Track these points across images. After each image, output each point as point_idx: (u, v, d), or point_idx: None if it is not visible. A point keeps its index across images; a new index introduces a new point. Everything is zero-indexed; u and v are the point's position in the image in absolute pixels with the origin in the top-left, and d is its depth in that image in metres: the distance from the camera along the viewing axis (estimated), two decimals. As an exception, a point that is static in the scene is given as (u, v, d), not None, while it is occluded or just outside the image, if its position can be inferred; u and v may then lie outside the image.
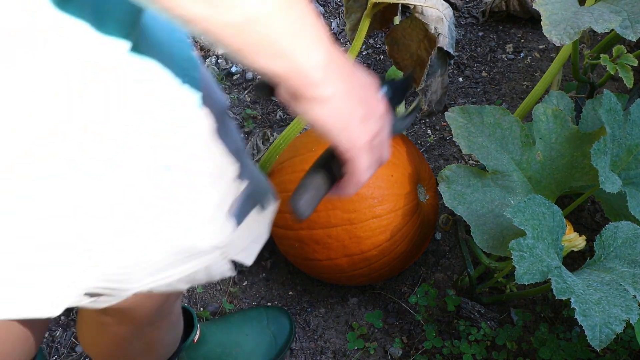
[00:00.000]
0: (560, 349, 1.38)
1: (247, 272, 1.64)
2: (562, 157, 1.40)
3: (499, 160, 1.38)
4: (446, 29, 1.36)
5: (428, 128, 1.89)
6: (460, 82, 2.00)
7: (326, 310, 1.59)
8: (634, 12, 1.32)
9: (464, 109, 1.41)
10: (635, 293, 1.14)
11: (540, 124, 1.39)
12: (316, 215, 1.39)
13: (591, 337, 1.09)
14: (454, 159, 1.83)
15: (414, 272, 1.63)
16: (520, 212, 1.19)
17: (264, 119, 1.91)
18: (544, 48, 2.08)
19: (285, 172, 1.46)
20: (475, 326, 1.48)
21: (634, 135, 1.37)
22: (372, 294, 1.61)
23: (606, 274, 1.20)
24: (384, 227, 1.38)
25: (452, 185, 1.36)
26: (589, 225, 1.67)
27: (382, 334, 1.54)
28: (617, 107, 1.34)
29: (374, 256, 1.41)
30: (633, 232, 1.25)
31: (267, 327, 1.48)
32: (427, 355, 1.48)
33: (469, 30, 2.13)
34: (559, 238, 1.23)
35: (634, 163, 1.37)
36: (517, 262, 1.14)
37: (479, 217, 1.34)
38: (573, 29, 1.28)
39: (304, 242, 1.43)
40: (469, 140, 1.39)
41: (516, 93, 1.96)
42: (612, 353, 1.35)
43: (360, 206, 1.37)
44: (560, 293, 1.12)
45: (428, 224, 1.49)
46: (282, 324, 1.49)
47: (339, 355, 1.52)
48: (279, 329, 1.48)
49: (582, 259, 1.58)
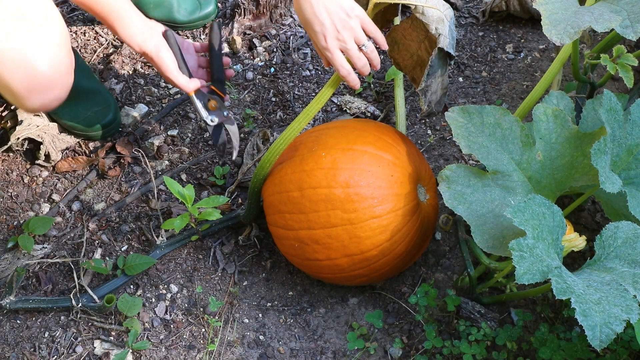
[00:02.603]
0: (560, 349, 1.38)
1: (247, 272, 1.64)
2: (562, 157, 1.39)
3: (499, 160, 1.38)
4: (447, 30, 1.36)
5: (428, 128, 1.89)
6: (460, 82, 2.00)
7: (326, 310, 1.59)
8: (634, 11, 1.32)
9: (464, 109, 1.41)
10: (635, 293, 1.14)
11: (540, 124, 1.39)
12: (316, 215, 1.39)
13: (591, 337, 1.09)
14: (454, 159, 1.83)
15: (414, 272, 1.63)
16: (521, 212, 1.19)
17: (264, 119, 1.91)
18: (544, 48, 2.08)
19: (285, 172, 1.46)
20: (475, 326, 1.47)
21: (634, 135, 1.37)
22: (372, 294, 1.61)
23: (606, 274, 1.20)
24: (384, 227, 1.38)
25: (452, 185, 1.36)
26: (589, 225, 1.67)
27: (382, 334, 1.54)
28: (617, 107, 1.34)
29: (374, 256, 1.41)
30: (633, 232, 1.25)
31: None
32: (427, 355, 1.48)
33: (469, 30, 2.13)
34: (559, 238, 1.23)
35: (634, 163, 1.37)
36: (517, 262, 1.14)
37: (479, 217, 1.34)
38: (573, 29, 1.28)
39: (304, 242, 1.43)
40: (469, 140, 1.39)
41: (516, 93, 1.96)
42: (612, 353, 1.35)
43: (360, 206, 1.37)
44: (561, 293, 1.12)
45: (428, 224, 1.49)
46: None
47: (339, 355, 1.52)
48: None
49: (582, 259, 1.58)
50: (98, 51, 2.04)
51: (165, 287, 1.61)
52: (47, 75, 1.29)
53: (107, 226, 1.70)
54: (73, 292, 1.55)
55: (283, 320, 1.57)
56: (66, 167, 1.78)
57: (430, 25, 1.36)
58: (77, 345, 1.51)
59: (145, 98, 1.94)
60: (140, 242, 1.68)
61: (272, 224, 1.51)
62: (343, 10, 1.31)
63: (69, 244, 1.66)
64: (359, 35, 1.32)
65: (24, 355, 1.50)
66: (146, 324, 1.55)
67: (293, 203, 1.42)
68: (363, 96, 1.95)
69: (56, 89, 1.33)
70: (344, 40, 1.32)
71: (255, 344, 1.53)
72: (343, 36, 1.31)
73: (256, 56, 2.04)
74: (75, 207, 1.72)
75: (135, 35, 1.45)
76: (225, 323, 1.56)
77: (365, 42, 1.33)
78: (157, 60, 1.47)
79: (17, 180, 1.76)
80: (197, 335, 1.54)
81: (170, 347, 1.52)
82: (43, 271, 1.61)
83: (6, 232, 1.68)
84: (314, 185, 1.40)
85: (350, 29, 1.31)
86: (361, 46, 1.33)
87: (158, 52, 1.46)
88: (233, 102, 1.94)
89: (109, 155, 1.80)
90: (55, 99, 1.34)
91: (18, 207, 1.72)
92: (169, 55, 1.48)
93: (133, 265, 1.57)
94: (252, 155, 1.77)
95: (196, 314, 1.57)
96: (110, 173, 1.78)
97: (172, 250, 1.65)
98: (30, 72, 1.26)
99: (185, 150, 1.83)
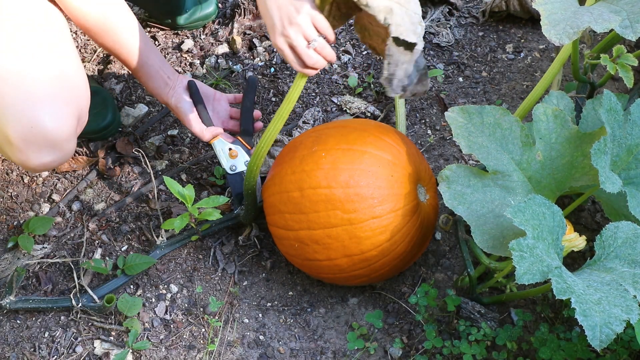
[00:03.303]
0: (560, 349, 1.38)
1: (247, 272, 1.64)
2: (562, 157, 1.39)
3: (499, 160, 1.38)
4: (399, 17, 1.24)
5: (428, 128, 1.89)
6: (460, 82, 2.00)
7: (326, 310, 1.59)
8: (634, 11, 1.32)
9: (464, 109, 1.41)
10: (635, 293, 1.14)
11: (540, 124, 1.39)
12: (316, 215, 1.39)
13: (591, 337, 1.09)
14: (454, 159, 1.83)
15: (414, 272, 1.63)
16: (521, 212, 1.19)
17: (264, 119, 1.91)
18: (544, 48, 2.08)
19: (285, 173, 1.46)
20: (475, 326, 1.47)
21: (634, 135, 1.37)
22: (372, 294, 1.61)
23: (606, 274, 1.20)
24: (384, 228, 1.38)
25: (452, 185, 1.36)
26: (589, 225, 1.67)
27: (382, 334, 1.54)
28: (617, 107, 1.34)
29: (374, 256, 1.41)
30: (633, 232, 1.25)
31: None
32: (427, 355, 1.48)
33: (469, 30, 2.13)
34: (559, 238, 1.23)
35: (634, 163, 1.37)
36: (517, 262, 1.14)
37: (479, 217, 1.34)
38: (573, 29, 1.28)
39: (304, 243, 1.43)
40: (469, 140, 1.39)
41: (516, 93, 1.96)
42: (612, 353, 1.35)
43: (360, 206, 1.37)
44: (561, 293, 1.12)
45: (428, 224, 1.49)
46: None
47: (339, 355, 1.52)
48: None
49: (582, 259, 1.58)
50: (98, 51, 2.04)
51: (165, 287, 1.61)
52: (49, 131, 1.25)
53: (107, 226, 1.70)
54: (73, 292, 1.55)
55: (283, 320, 1.57)
56: (66, 167, 1.78)
57: (378, 16, 1.24)
58: (77, 345, 1.51)
59: (145, 98, 1.94)
60: (140, 242, 1.68)
61: (272, 224, 1.51)
62: (292, 5, 1.27)
63: (69, 244, 1.67)
64: (306, 32, 1.28)
65: (24, 355, 1.50)
66: (146, 324, 1.55)
67: (293, 203, 1.42)
68: (363, 96, 1.95)
69: (57, 151, 1.29)
70: (290, 36, 1.28)
71: (255, 344, 1.53)
72: (289, 32, 1.28)
73: (256, 56, 2.04)
74: (75, 207, 1.72)
75: (159, 87, 1.56)
76: (225, 323, 1.56)
77: (315, 38, 1.28)
78: (176, 110, 1.59)
79: (17, 180, 1.76)
80: (197, 335, 1.54)
81: (170, 347, 1.52)
82: (43, 271, 1.62)
83: (6, 232, 1.68)
84: (314, 185, 1.40)
85: (297, 25, 1.27)
86: (311, 42, 1.29)
87: (177, 103, 1.58)
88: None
89: (109, 155, 1.80)
90: (53, 161, 1.30)
91: (18, 207, 1.72)
92: (187, 106, 1.58)
93: (133, 265, 1.57)
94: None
95: (196, 314, 1.57)
96: (110, 173, 1.78)
97: (172, 250, 1.65)
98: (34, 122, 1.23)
99: (185, 150, 1.83)
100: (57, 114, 1.25)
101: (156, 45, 2.06)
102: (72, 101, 1.29)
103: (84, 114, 1.34)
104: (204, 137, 1.59)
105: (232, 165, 1.61)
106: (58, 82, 1.27)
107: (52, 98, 1.25)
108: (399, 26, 1.23)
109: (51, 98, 1.25)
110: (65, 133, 1.28)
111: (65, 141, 1.29)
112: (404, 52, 1.27)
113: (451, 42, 2.09)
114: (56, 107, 1.25)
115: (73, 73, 1.31)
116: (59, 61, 1.28)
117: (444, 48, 2.08)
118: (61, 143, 1.28)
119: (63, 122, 1.27)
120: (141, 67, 1.53)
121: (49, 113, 1.24)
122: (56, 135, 1.26)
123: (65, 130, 1.28)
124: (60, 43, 1.32)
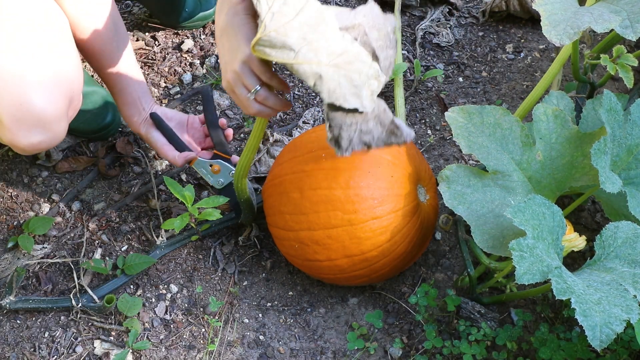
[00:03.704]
0: (560, 349, 1.38)
1: (247, 272, 1.64)
2: (562, 157, 1.40)
3: (499, 160, 1.38)
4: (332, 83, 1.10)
5: (428, 128, 1.89)
6: (460, 82, 2.00)
7: (326, 310, 1.59)
8: (634, 12, 1.32)
9: (464, 109, 1.41)
10: (635, 293, 1.14)
11: (540, 124, 1.39)
12: (316, 216, 1.39)
13: (591, 337, 1.09)
14: (454, 159, 1.83)
15: (414, 272, 1.63)
16: (521, 212, 1.19)
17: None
18: (544, 48, 2.08)
19: (285, 173, 1.46)
20: (475, 326, 1.48)
21: (634, 135, 1.37)
22: (372, 294, 1.61)
23: (606, 274, 1.20)
24: (384, 228, 1.38)
25: (452, 185, 1.36)
26: (589, 225, 1.67)
27: (382, 334, 1.54)
28: (618, 107, 1.34)
29: (374, 257, 1.41)
30: (633, 232, 1.25)
31: None
32: (427, 355, 1.48)
33: (469, 30, 2.13)
34: (559, 238, 1.23)
35: (634, 163, 1.37)
36: (517, 262, 1.14)
37: (479, 217, 1.34)
38: (573, 29, 1.28)
39: (304, 243, 1.43)
40: (469, 140, 1.39)
41: (516, 93, 1.96)
42: (613, 353, 1.35)
43: (361, 207, 1.37)
44: (561, 293, 1.12)
45: (428, 224, 1.49)
46: None
47: (339, 355, 1.52)
48: None
49: (582, 259, 1.58)
50: (98, 51, 2.04)
51: (165, 287, 1.61)
52: (39, 110, 1.24)
53: (107, 226, 1.70)
54: (73, 292, 1.55)
55: (283, 320, 1.57)
56: (66, 167, 1.78)
57: (308, 82, 1.12)
58: (77, 345, 1.51)
59: (145, 98, 1.94)
60: (140, 242, 1.68)
61: (272, 225, 1.51)
62: (233, 52, 1.17)
63: (69, 244, 1.67)
64: (246, 82, 1.17)
65: (24, 355, 1.50)
66: (146, 324, 1.55)
67: (293, 204, 1.42)
68: (363, 96, 1.95)
69: (47, 132, 1.28)
70: (231, 83, 1.19)
71: (255, 344, 1.53)
72: (229, 79, 1.19)
73: (256, 56, 2.04)
74: (75, 207, 1.72)
75: (132, 116, 1.59)
76: (225, 323, 1.56)
77: (255, 88, 1.18)
78: (147, 141, 1.62)
79: (17, 180, 1.76)
80: (197, 335, 1.54)
81: (170, 347, 1.52)
82: (43, 271, 1.61)
83: (6, 232, 1.68)
84: (314, 186, 1.40)
85: (235, 73, 1.17)
86: (251, 92, 1.18)
87: (148, 134, 1.60)
88: (233, 102, 1.94)
89: (109, 155, 1.80)
90: (42, 141, 1.29)
91: (18, 207, 1.72)
92: (157, 136, 1.60)
93: (133, 265, 1.57)
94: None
95: (196, 314, 1.57)
96: (110, 173, 1.78)
97: (172, 250, 1.65)
98: (23, 100, 1.22)
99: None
100: (47, 93, 1.24)
101: (156, 45, 2.06)
102: (63, 83, 1.28)
103: (76, 97, 1.33)
104: (177, 164, 1.59)
105: (218, 181, 1.61)
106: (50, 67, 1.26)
107: (43, 79, 1.24)
108: (332, 92, 1.10)
109: (41, 79, 1.24)
110: (55, 113, 1.27)
111: (55, 122, 1.28)
112: (347, 114, 1.14)
113: (451, 42, 2.09)
114: (46, 87, 1.24)
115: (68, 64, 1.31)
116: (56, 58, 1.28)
117: (444, 48, 2.08)
118: (50, 123, 1.27)
119: (52, 101, 1.25)
120: (118, 92, 1.56)
121: (39, 92, 1.23)
122: (45, 114, 1.25)
123: (55, 109, 1.26)
124: (60, 43, 1.32)
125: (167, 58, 2.03)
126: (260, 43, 1.10)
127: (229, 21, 1.16)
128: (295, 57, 1.09)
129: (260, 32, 1.09)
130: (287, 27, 1.08)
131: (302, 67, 1.09)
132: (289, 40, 1.08)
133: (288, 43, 1.08)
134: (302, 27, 1.09)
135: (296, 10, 1.09)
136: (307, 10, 1.10)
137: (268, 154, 1.75)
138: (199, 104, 1.93)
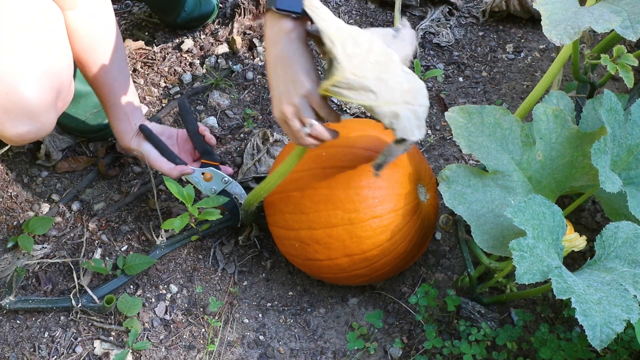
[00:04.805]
0: (560, 349, 1.38)
1: (247, 272, 1.64)
2: (562, 157, 1.39)
3: (499, 160, 1.38)
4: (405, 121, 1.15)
5: (428, 128, 1.89)
6: (460, 82, 2.00)
7: (326, 310, 1.59)
8: (634, 12, 1.32)
9: (464, 108, 1.41)
10: (635, 293, 1.14)
11: (540, 123, 1.39)
12: (317, 215, 1.39)
13: (592, 337, 1.09)
14: (454, 159, 1.83)
15: (414, 272, 1.63)
16: (521, 212, 1.19)
17: (264, 119, 1.91)
18: (544, 48, 2.08)
19: (286, 172, 1.46)
20: (475, 326, 1.47)
21: (635, 135, 1.37)
22: (372, 294, 1.61)
23: (607, 274, 1.20)
24: (385, 227, 1.38)
25: (452, 185, 1.36)
26: (589, 225, 1.67)
27: (382, 334, 1.54)
28: (618, 106, 1.34)
29: (374, 256, 1.41)
30: (633, 232, 1.25)
31: None
32: (427, 355, 1.48)
33: (469, 30, 2.13)
34: (560, 238, 1.23)
35: (634, 163, 1.37)
36: (518, 262, 1.14)
37: (479, 217, 1.34)
38: (573, 29, 1.28)
39: (304, 242, 1.43)
40: (469, 140, 1.39)
41: (516, 93, 1.96)
42: (613, 353, 1.35)
43: (361, 206, 1.37)
44: (561, 293, 1.12)
45: (428, 223, 1.49)
46: None
47: (339, 355, 1.52)
48: None
49: (582, 259, 1.58)
50: (98, 51, 2.04)
51: (165, 287, 1.61)
52: (25, 99, 1.23)
53: (107, 226, 1.69)
54: (73, 292, 1.55)
55: (283, 320, 1.57)
56: (66, 167, 1.78)
57: (384, 121, 1.16)
58: (77, 345, 1.51)
59: (145, 98, 1.94)
60: (140, 242, 1.68)
61: (272, 224, 1.51)
62: (292, 84, 1.18)
63: (68, 244, 1.66)
64: (303, 116, 1.20)
65: (23, 355, 1.50)
66: (146, 324, 1.55)
67: (293, 203, 1.42)
68: (363, 96, 1.95)
69: (34, 122, 1.27)
70: (286, 116, 1.21)
71: (255, 344, 1.53)
72: (284, 111, 1.20)
73: (256, 56, 2.04)
74: (75, 207, 1.72)
75: (124, 131, 1.58)
76: (225, 323, 1.56)
77: (311, 123, 1.20)
78: (139, 155, 1.61)
79: (17, 180, 1.76)
80: (197, 335, 1.54)
81: (170, 347, 1.52)
82: (43, 271, 1.61)
83: (6, 232, 1.68)
84: (315, 185, 1.40)
85: (293, 106, 1.19)
86: (306, 125, 1.21)
87: (139, 147, 1.59)
88: (233, 101, 1.94)
89: (109, 155, 1.80)
90: (29, 132, 1.28)
91: (18, 207, 1.72)
92: (149, 147, 1.59)
93: (133, 265, 1.57)
94: (252, 155, 1.78)
95: (196, 314, 1.57)
96: (110, 173, 1.78)
97: (172, 250, 1.65)
98: (10, 89, 1.21)
99: (185, 150, 1.83)
100: (34, 83, 1.23)
101: (155, 45, 2.06)
102: (51, 73, 1.27)
103: (65, 88, 1.32)
104: (172, 176, 1.58)
105: (211, 188, 1.61)
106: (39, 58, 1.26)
107: (30, 68, 1.23)
108: (404, 129, 1.16)
109: (29, 68, 1.23)
110: (43, 103, 1.26)
111: (43, 112, 1.27)
112: (401, 144, 1.20)
113: (451, 42, 2.09)
114: (34, 77, 1.24)
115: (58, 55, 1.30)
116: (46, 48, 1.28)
117: (444, 48, 2.08)
118: (38, 113, 1.26)
119: (40, 91, 1.25)
120: (111, 106, 1.56)
121: (26, 81, 1.22)
122: (32, 103, 1.24)
123: (43, 99, 1.25)
124: (49, 34, 1.31)
125: (167, 58, 2.03)
126: (338, 85, 1.12)
127: (284, 50, 1.17)
128: (376, 99, 1.12)
129: (339, 75, 1.11)
130: (362, 68, 1.11)
131: (382, 109, 1.13)
132: (367, 83, 1.11)
133: (367, 85, 1.11)
134: (375, 67, 1.12)
135: (366, 49, 1.12)
136: (375, 48, 1.14)
137: (268, 154, 1.75)
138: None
